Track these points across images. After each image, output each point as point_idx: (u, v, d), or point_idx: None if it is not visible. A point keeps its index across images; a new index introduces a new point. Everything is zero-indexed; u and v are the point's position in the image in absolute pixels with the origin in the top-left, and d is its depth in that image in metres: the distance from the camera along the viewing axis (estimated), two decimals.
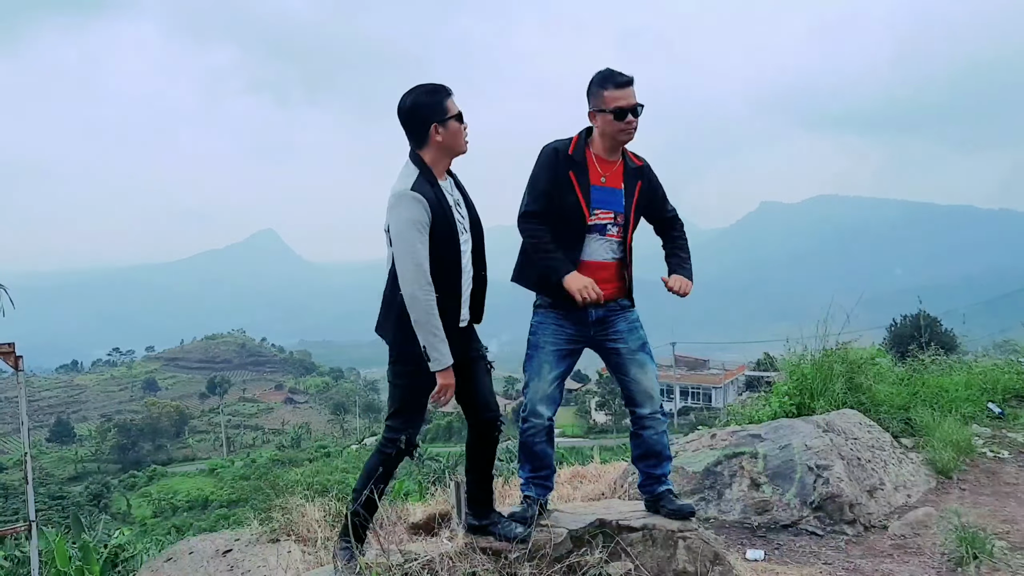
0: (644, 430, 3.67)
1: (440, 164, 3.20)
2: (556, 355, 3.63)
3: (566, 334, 3.63)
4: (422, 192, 3.06)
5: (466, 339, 3.30)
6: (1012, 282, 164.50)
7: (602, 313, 3.59)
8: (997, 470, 5.78)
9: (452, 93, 3.16)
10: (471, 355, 3.34)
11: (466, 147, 3.24)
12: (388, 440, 3.18)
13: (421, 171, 3.12)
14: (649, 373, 3.64)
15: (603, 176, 3.54)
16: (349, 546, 3.18)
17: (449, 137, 3.14)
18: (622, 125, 3.44)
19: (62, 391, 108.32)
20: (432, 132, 3.11)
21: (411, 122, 3.14)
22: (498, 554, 3.29)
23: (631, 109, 3.42)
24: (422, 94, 3.12)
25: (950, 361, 8.32)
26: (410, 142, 3.18)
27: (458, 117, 3.15)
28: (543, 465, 3.73)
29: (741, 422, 6.31)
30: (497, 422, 3.40)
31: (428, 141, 3.13)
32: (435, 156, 3.16)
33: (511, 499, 4.78)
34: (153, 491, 55.81)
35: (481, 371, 3.37)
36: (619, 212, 3.56)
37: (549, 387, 3.63)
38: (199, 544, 4.87)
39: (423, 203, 3.04)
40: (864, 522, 4.68)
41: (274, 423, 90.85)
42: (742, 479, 4.94)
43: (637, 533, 3.57)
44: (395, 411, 3.19)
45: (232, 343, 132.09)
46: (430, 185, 3.10)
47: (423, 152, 3.15)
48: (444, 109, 3.11)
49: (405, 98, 3.13)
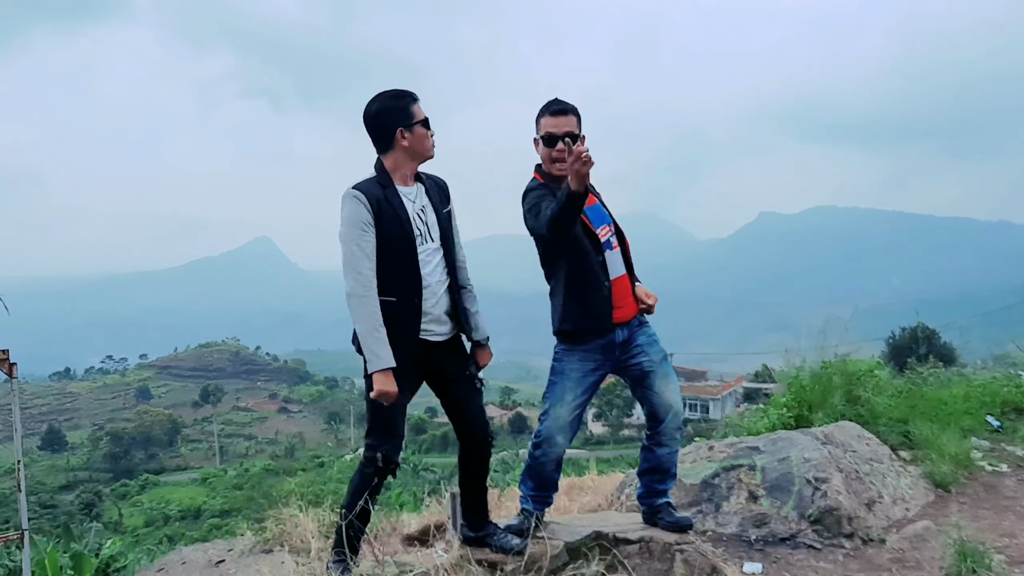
0: (660, 447, 3.62)
1: (404, 168, 3.17)
2: (581, 384, 3.54)
3: (593, 361, 3.53)
4: (364, 190, 3.05)
5: (447, 354, 3.25)
6: (1010, 295, 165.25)
7: (627, 334, 3.52)
8: (996, 484, 5.76)
9: (418, 99, 3.14)
10: (457, 373, 3.28)
11: (432, 152, 3.22)
12: (367, 459, 3.14)
13: (377, 174, 3.13)
14: (673, 385, 3.60)
15: None
16: (343, 558, 3.14)
17: (415, 141, 3.12)
18: (552, 152, 3.38)
19: (54, 399, 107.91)
20: (398, 137, 3.10)
21: (377, 127, 3.13)
22: (494, 566, 3.26)
23: (562, 137, 3.35)
24: (388, 99, 3.12)
25: (949, 374, 8.31)
26: (375, 147, 3.17)
27: (424, 123, 3.13)
28: (548, 487, 3.72)
29: (739, 434, 6.29)
30: (487, 441, 3.36)
31: (393, 145, 3.12)
32: (398, 161, 3.15)
33: (507, 511, 4.74)
34: (145, 500, 55.53)
35: (470, 390, 3.32)
36: (608, 224, 3.53)
37: (570, 415, 3.55)
38: (191, 554, 4.82)
39: (361, 200, 3.03)
40: (862, 535, 4.65)
41: (268, 432, 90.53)
42: (740, 491, 4.92)
43: (634, 545, 3.54)
44: (370, 428, 3.15)
45: (226, 351, 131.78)
46: (380, 186, 3.09)
47: (386, 157, 3.15)
48: (410, 114, 3.11)
49: (371, 104, 3.12)
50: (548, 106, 3.41)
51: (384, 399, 2.98)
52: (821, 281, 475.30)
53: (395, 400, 3.01)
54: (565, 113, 3.38)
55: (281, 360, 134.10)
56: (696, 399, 65.58)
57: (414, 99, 3.13)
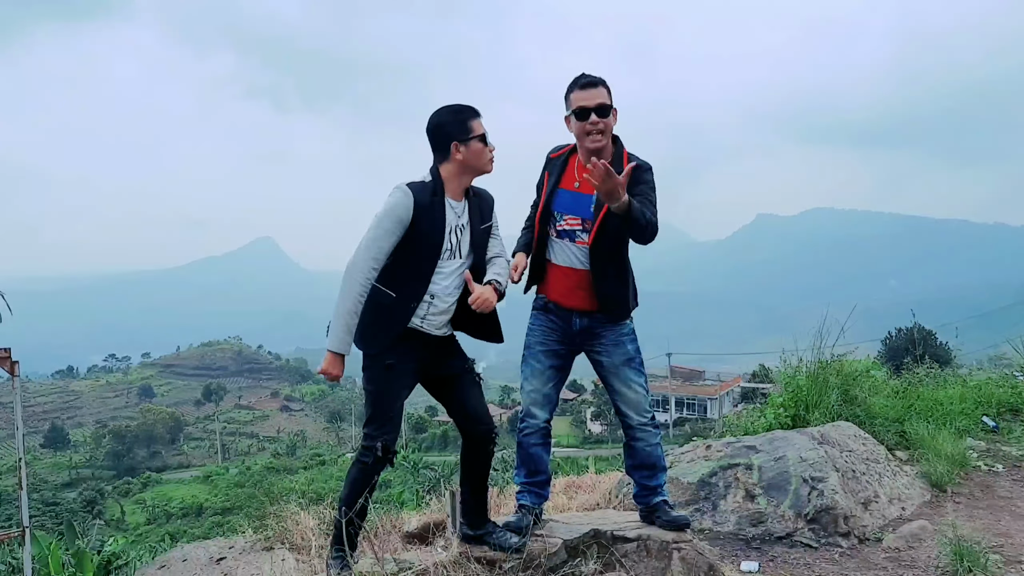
0: (636, 441, 3.67)
1: (458, 180, 3.24)
2: (547, 355, 3.64)
3: (556, 336, 3.63)
4: (416, 192, 3.13)
5: (443, 351, 3.32)
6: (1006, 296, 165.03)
7: (587, 323, 3.56)
8: (991, 483, 5.79)
9: (480, 115, 3.22)
10: (454, 369, 3.35)
11: (490, 167, 3.28)
12: (365, 448, 3.20)
13: (432, 179, 3.20)
14: (634, 387, 3.58)
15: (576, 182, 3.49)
16: (343, 554, 3.17)
17: (471, 156, 3.19)
18: (586, 125, 3.38)
19: (57, 397, 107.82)
20: (453, 149, 3.17)
21: (435, 138, 3.22)
22: (493, 564, 3.29)
23: (594, 109, 3.35)
24: (447, 112, 3.21)
25: (945, 374, 8.34)
26: (435, 157, 3.25)
27: (481, 138, 3.20)
28: (538, 470, 3.71)
29: (736, 433, 6.31)
30: (491, 435, 3.40)
31: (448, 157, 3.19)
32: (453, 172, 3.22)
33: (506, 508, 4.77)
34: (147, 498, 55.49)
35: (468, 384, 3.37)
36: (586, 219, 3.47)
37: (543, 387, 3.63)
38: (193, 551, 4.84)
39: (409, 198, 3.11)
40: (859, 535, 4.68)
41: (269, 430, 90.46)
42: (737, 490, 4.95)
43: (632, 544, 3.57)
44: (369, 418, 3.21)
45: (228, 350, 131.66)
46: (431, 194, 3.16)
47: (442, 166, 3.22)
48: (468, 129, 3.17)
49: (433, 116, 3.22)
50: (577, 80, 3.42)
51: (326, 376, 3.12)
52: (818, 282, 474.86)
53: (337, 379, 3.15)
54: (595, 85, 3.39)
55: (283, 359, 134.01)
56: (694, 399, 65.55)
57: (474, 114, 3.20)
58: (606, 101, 3.38)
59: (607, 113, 3.39)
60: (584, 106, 3.37)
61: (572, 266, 3.52)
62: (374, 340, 3.18)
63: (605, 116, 3.38)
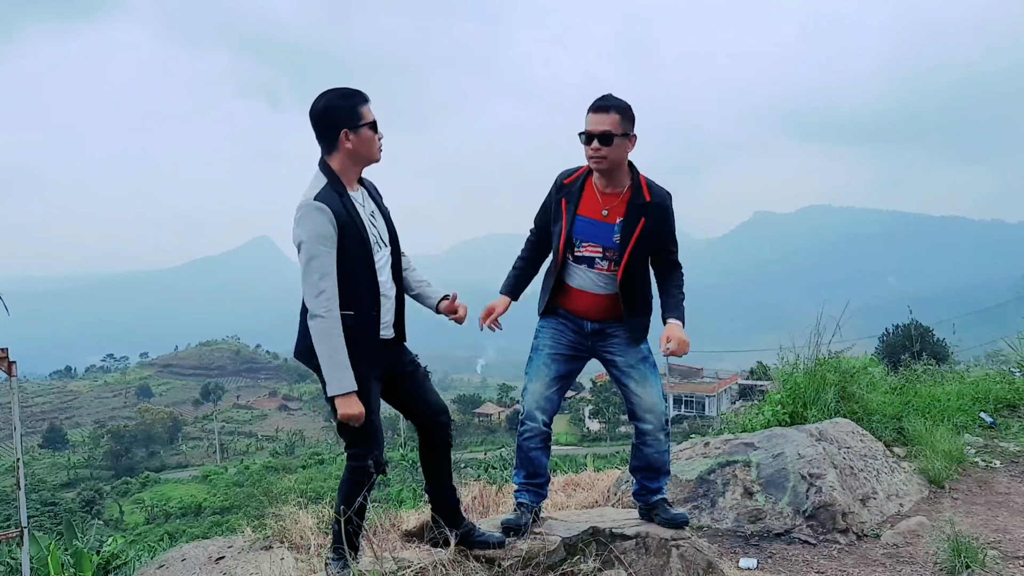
0: (646, 447, 3.66)
1: (350, 172, 3.04)
2: (554, 358, 3.62)
3: (566, 339, 3.63)
4: (327, 202, 2.90)
5: (393, 353, 3.19)
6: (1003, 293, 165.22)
7: (598, 326, 3.58)
8: (989, 479, 5.80)
9: (368, 100, 3.01)
10: (405, 369, 3.23)
11: (379, 156, 3.08)
12: (356, 468, 3.05)
13: (329, 180, 2.98)
14: (650, 387, 3.59)
15: (604, 209, 3.45)
16: (342, 553, 3.16)
17: (361, 144, 2.99)
18: (588, 151, 3.37)
19: (55, 397, 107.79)
20: (342, 138, 2.96)
21: (322, 126, 2.99)
22: (492, 562, 3.29)
23: (597, 136, 3.31)
24: (336, 97, 2.97)
25: (942, 371, 8.36)
26: (320, 147, 3.04)
27: (372, 125, 3.00)
28: (537, 472, 3.71)
29: (734, 431, 6.32)
30: (448, 421, 3.31)
31: (338, 147, 2.98)
32: (344, 163, 3.01)
33: (505, 506, 4.78)
34: (146, 498, 55.48)
35: (420, 378, 3.27)
36: (608, 247, 3.47)
37: (547, 390, 3.62)
38: (192, 551, 4.85)
39: (327, 213, 2.88)
40: (857, 531, 4.69)
41: (268, 430, 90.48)
42: (735, 487, 4.95)
43: (631, 541, 3.57)
44: (351, 440, 3.04)
45: (226, 350, 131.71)
46: (338, 195, 2.95)
47: (331, 159, 3.01)
48: (358, 115, 2.96)
49: (318, 101, 2.98)
50: (593, 102, 3.37)
51: (352, 422, 2.91)
52: (816, 279, 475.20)
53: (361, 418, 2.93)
54: (605, 110, 3.32)
55: (281, 358, 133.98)
56: (692, 396, 65.59)
57: (365, 100, 3.00)
58: (610, 129, 3.30)
59: (610, 141, 3.31)
60: (589, 131, 3.34)
61: (590, 291, 3.53)
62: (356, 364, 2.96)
63: (607, 143, 3.31)
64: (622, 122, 3.32)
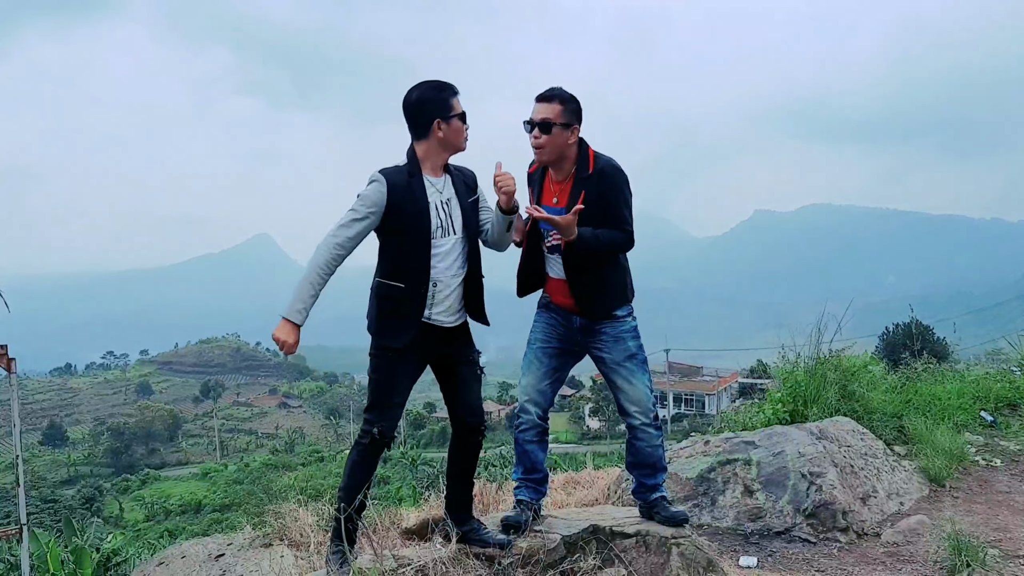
0: (638, 441, 3.67)
1: (435, 159, 3.24)
2: (546, 352, 3.66)
3: (557, 334, 3.66)
4: (388, 176, 3.14)
5: (450, 340, 3.30)
6: (1003, 292, 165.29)
7: (585, 321, 3.58)
8: (990, 478, 5.80)
9: (458, 92, 3.22)
10: (458, 358, 3.33)
11: (465, 145, 3.28)
12: (363, 432, 3.20)
13: (408, 161, 3.21)
14: (636, 384, 3.58)
15: (555, 196, 3.52)
16: (341, 550, 3.17)
17: (451, 134, 3.19)
18: (531, 139, 3.44)
19: (55, 394, 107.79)
20: (434, 127, 3.16)
21: (414, 115, 3.19)
22: (491, 560, 3.29)
23: (537, 123, 3.38)
24: (428, 89, 3.19)
25: (943, 369, 8.35)
26: (411, 134, 3.23)
27: (461, 116, 3.20)
28: (534, 467, 3.71)
29: (735, 429, 6.32)
30: (480, 428, 3.39)
31: (428, 135, 3.19)
32: (430, 151, 3.21)
33: (505, 504, 4.77)
34: (146, 495, 55.47)
35: (469, 376, 3.35)
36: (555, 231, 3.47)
37: (540, 383, 3.65)
38: (191, 548, 4.85)
39: (383, 184, 3.12)
40: (857, 529, 4.69)
41: (268, 427, 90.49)
42: (736, 486, 4.95)
43: (631, 539, 3.57)
44: (370, 404, 3.21)
45: (226, 347, 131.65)
46: (408, 174, 3.17)
47: (419, 145, 3.22)
48: (449, 106, 3.17)
49: (412, 91, 3.19)
50: (540, 93, 3.44)
51: (281, 348, 3.07)
52: (816, 278, 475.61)
53: (292, 351, 3.11)
54: (549, 100, 3.40)
55: (281, 356, 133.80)
56: (692, 395, 65.65)
57: (455, 92, 3.20)
58: (550, 118, 3.36)
59: (549, 129, 3.37)
60: (531, 119, 3.41)
61: (562, 278, 3.56)
62: (394, 334, 3.17)
63: (547, 132, 3.37)
64: (564, 112, 3.39)
